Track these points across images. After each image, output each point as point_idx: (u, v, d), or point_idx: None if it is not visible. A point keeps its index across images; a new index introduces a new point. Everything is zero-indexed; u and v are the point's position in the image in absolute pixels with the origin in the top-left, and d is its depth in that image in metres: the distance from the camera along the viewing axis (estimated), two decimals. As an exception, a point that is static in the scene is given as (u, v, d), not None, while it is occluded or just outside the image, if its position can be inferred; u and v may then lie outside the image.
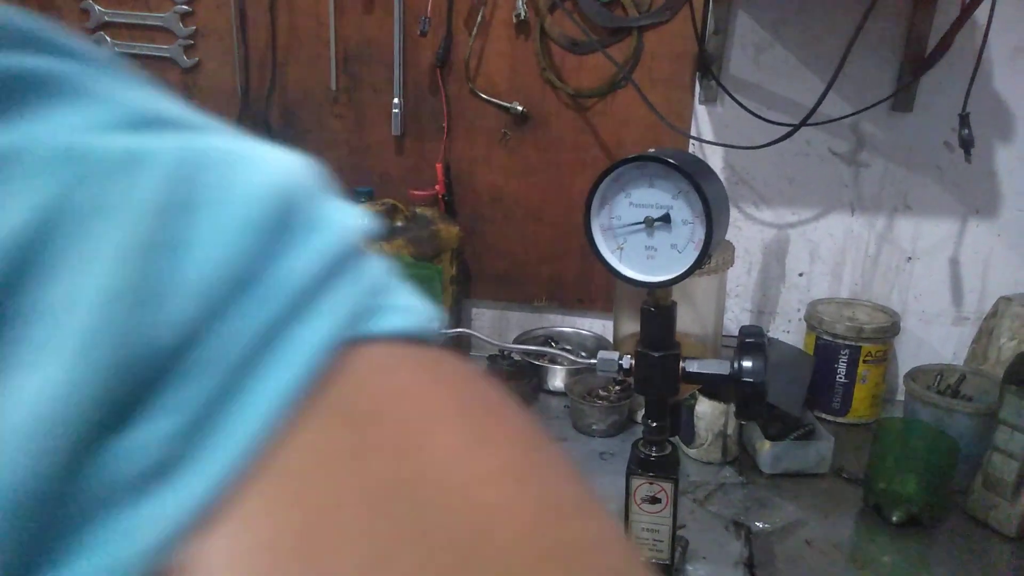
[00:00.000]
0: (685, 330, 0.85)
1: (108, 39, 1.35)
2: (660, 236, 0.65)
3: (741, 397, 0.64)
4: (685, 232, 0.64)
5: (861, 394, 1.16)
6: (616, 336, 1.20)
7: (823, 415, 1.17)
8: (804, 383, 1.13)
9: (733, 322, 1.29)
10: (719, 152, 1.22)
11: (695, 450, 1.05)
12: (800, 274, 1.27)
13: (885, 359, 1.16)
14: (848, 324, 1.15)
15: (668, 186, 0.64)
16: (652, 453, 0.72)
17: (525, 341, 1.33)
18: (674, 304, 0.69)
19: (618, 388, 1.16)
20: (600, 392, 1.17)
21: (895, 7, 1.10)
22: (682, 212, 0.64)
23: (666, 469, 0.72)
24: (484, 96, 1.27)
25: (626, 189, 0.65)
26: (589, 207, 0.66)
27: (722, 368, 0.66)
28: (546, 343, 1.32)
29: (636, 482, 0.73)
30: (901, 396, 1.16)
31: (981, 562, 0.88)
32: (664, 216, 0.64)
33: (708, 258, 0.64)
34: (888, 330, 1.15)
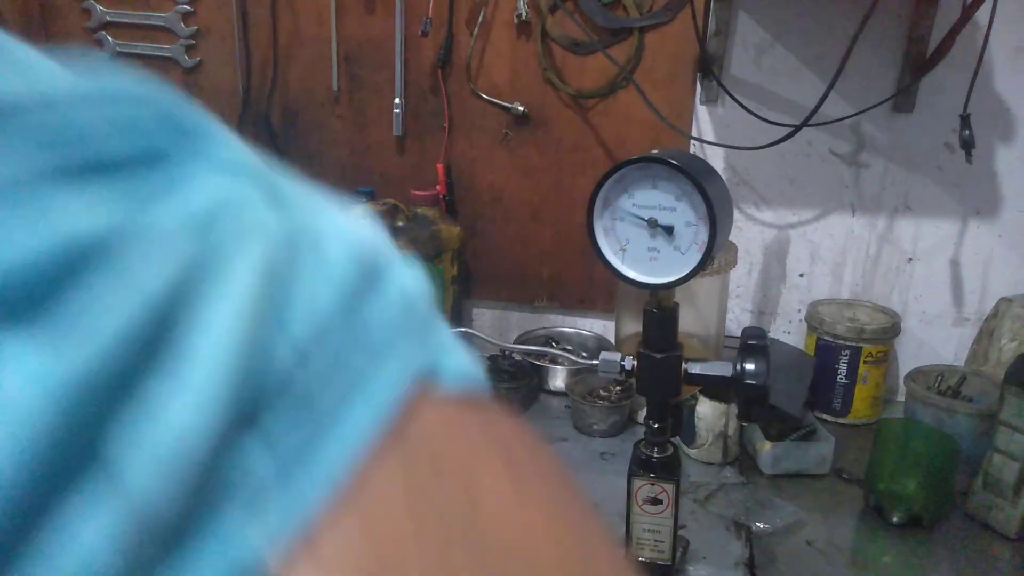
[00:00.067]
0: (687, 331, 0.85)
1: (110, 39, 1.35)
2: (663, 238, 0.65)
3: (743, 399, 0.64)
4: (688, 234, 0.64)
5: (862, 395, 1.16)
6: (617, 336, 1.20)
7: (824, 416, 1.17)
8: (805, 384, 1.13)
9: (734, 323, 1.29)
10: (720, 153, 1.22)
11: (696, 450, 1.05)
12: (801, 275, 1.27)
13: (886, 360, 1.16)
14: (849, 325, 1.15)
15: (671, 187, 0.64)
16: (654, 454, 0.72)
17: (526, 341, 1.33)
18: (676, 306, 0.69)
19: (619, 388, 1.16)
20: (601, 392, 1.17)
21: (896, 8, 1.11)
22: (685, 214, 0.63)
23: (668, 470, 0.73)
24: (485, 96, 1.27)
25: (629, 190, 0.65)
26: (592, 208, 0.66)
27: (724, 370, 0.66)
28: (547, 343, 1.33)
29: (638, 483, 0.73)
30: (902, 397, 1.16)
31: (981, 563, 0.88)
32: (668, 227, 0.64)
33: (711, 260, 0.64)
34: (889, 331, 1.15)
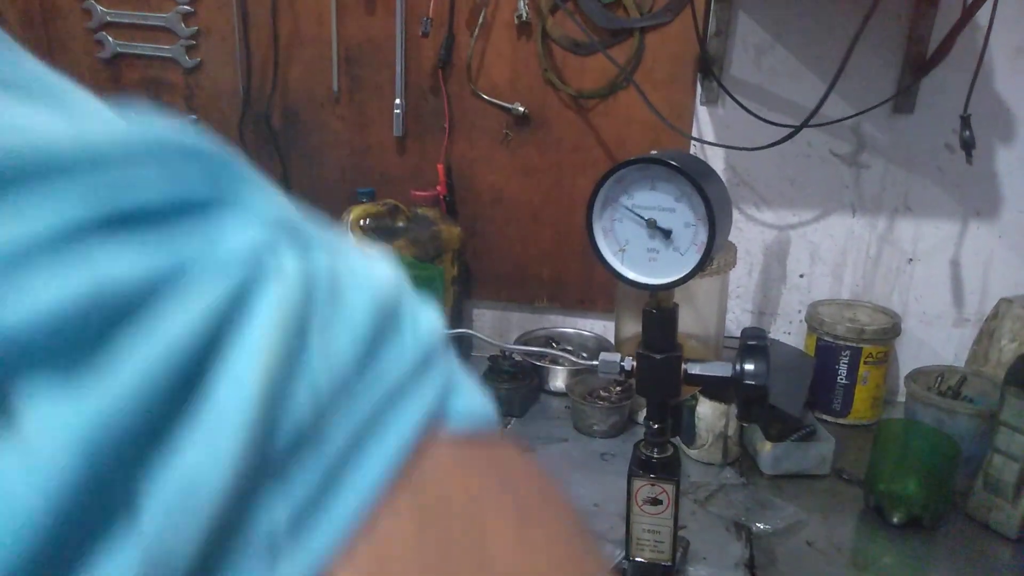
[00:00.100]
0: (687, 331, 0.85)
1: (110, 39, 1.35)
2: (662, 238, 0.65)
3: (743, 400, 0.64)
4: (688, 235, 0.64)
5: (862, 395, 1.16)
6: (617, 337, 1.20)
7: (824, 416, 1.17)
8: (805, 384, 1.13)
9: (734, 323, 1.29)
10: (720, 153, 1.22)
11: (696, 451, 1.05)
12: (801, 275, 1.27)
13: (886, 360, 1.16)
14: (849, 325, 1.15)
15: (671, 188, 0.64)
16: (654, 455, 0.72)
17: (526, 342, 1.33)
18: (676, 306, 0.69)
19: (619, 389, 1.16)
20: (601, 393, 1.17)
21: (896, 8, 1.11)
22: (684, 215, 0.63)
23: (668, 471, 0.72)
24: (486, 97, 1.27)
25: (628, 191, 0.65)
26: (591, 209, 0.66)
27: (724, 371, 0.66)
28: (547, 344, 1.33)
29: (638, 484, 0.73)
30: (902, 398, 1.16)
31: (981, 564, 0.88)
32: (666, 231, 0.64)
33: (710, 261, 0.64)
34: (889, 331, 1.15)
